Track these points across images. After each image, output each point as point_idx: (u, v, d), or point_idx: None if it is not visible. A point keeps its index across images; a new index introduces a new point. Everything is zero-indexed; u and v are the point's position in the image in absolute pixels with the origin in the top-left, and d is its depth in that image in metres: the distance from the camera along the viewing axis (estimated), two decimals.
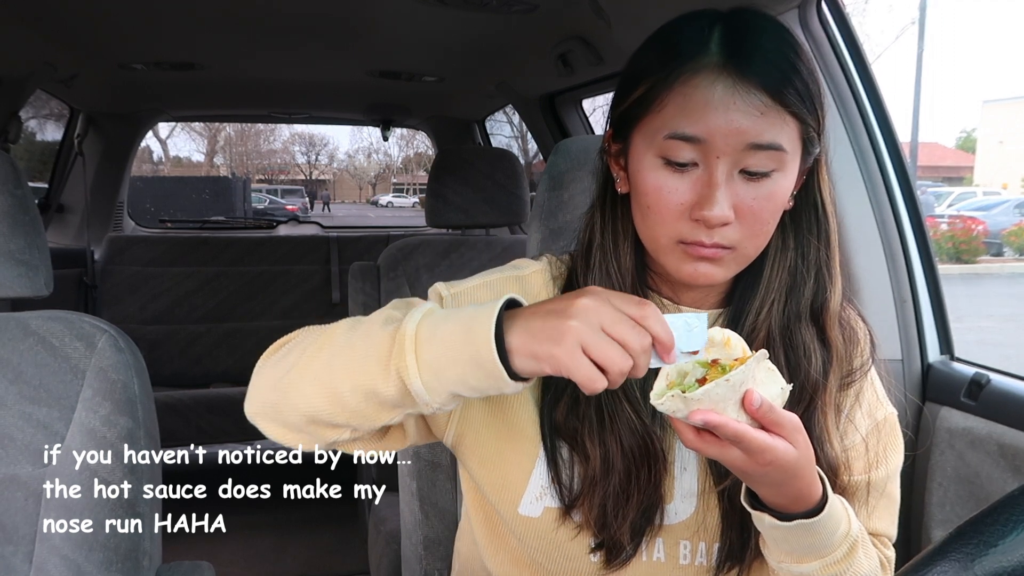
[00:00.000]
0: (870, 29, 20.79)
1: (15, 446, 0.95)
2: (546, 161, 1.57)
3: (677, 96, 0.73)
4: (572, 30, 1.74)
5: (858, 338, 0.87)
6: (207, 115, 3.98)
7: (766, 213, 0.75)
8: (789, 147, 0.74)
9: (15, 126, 2.31)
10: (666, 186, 0.75)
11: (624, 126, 0.80)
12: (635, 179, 0.79)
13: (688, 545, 0.84)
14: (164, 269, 3.01)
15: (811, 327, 0.81)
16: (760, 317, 0.81)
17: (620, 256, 0.82)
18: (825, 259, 0.81)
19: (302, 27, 1.93)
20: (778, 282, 0.81)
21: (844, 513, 0.76)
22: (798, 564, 0.76)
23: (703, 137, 0.72)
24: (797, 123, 0.74)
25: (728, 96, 0.72)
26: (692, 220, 0.74)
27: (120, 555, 0.94)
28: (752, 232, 0.75)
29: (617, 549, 0.82)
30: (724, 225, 0.73)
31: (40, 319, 0.99)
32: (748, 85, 0.72)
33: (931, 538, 1.23)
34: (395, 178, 36.77)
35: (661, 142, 0.74)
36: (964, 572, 0.44)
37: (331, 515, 2.80)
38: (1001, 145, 18.75)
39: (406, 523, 1.21)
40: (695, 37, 0.74)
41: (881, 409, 0.87)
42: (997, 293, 8.90)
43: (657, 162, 0.75)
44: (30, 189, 1.03)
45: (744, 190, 0.74)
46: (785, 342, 0.81)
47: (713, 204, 0.72)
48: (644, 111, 0.76)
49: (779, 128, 0.73)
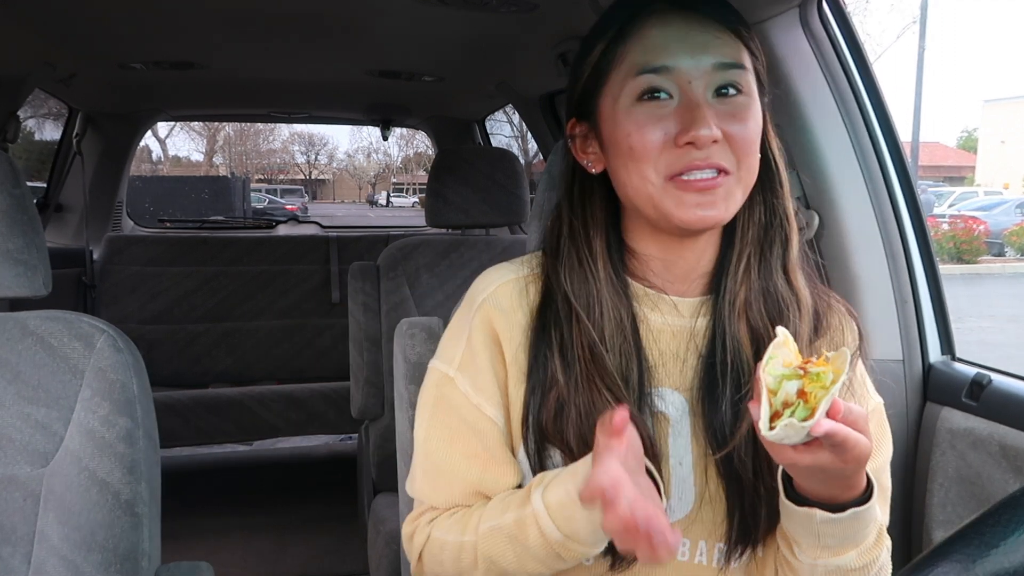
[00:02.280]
0: (871, 28, 20.81)
1: (14, 446, 0.95)
2: (546, 161, 1.57)
3: (634, 42, 0.77)
4: (572, 30, 1.74)
5: (843, 319, 0.87)
6: (206, 115, 3.98)
7: (749, 131, 0.77)
8: (750, 70, 0.78)
9: (14, 125, 2.30)
10: (648, 121, 0.76)
11: (586, 103, 0.82)
12: (612, 136, 0.79)
13: (687, 543, 0.84)
14: (163, 269, 3.01)
15: (783, 278, 0.83)
16: (740, 273, 0.82)
17: (590, 240, 0.83)
18: (783, 209, 0.83)
19: (302, 27, 1.93)
20: (751, 235, 0.83)
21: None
22: (836, 557, 0.74)
23: (671, 65, 0.75)
24: (750, 55, 0.78)
25: (684, 27, 0.76)
26: (679, 148, 0.75)
27: (119, 555, 0.94)
28: (743, 151, 0.77)
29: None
30: (713, 143, 0.75)
31: (39, 319, 0.99)
32: (700, 16, 0.76)
33: (932, 539, 1.23)
34: (395, 178, 36.77)
35: (631, 84, 0.77)
36: (965, 573, 0.44)
37: (331, 515, 2.80)
38: (1002, 145, 18.77)
39: None
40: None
41: (870, 400, 0.87)
42: (998, 293, 8.91)
43: (632, 104, 0.77)
44: (28, 188, 1.03)
45: (723, 110, 0.76)
46: (764, 297, 0.82)
47: (701, 123, 0.74)
48: (605, 73, 0.79)
49: (738, 51, 0.77)
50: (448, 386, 0.86)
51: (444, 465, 0.84)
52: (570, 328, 0.81)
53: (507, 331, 0.84)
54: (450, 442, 0.84)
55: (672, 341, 0.84)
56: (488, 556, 0.79)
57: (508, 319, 0.84)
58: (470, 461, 0.83)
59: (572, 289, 0.81)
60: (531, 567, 0.78)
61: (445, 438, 0.85)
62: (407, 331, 1.20)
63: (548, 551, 0.75)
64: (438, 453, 0.85)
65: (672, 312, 0.84)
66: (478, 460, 0.83)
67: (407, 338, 1.19)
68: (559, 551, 0.75)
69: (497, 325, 0.84)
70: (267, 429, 3.01)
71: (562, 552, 0.75)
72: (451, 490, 0.85)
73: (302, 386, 3.07)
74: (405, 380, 1.18)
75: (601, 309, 0.80)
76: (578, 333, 0.80)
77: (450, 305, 1.27)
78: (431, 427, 0.86)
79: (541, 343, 0.82)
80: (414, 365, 1.18)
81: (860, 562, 0.75)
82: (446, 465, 0.84)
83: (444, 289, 2.03)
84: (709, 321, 0.84)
